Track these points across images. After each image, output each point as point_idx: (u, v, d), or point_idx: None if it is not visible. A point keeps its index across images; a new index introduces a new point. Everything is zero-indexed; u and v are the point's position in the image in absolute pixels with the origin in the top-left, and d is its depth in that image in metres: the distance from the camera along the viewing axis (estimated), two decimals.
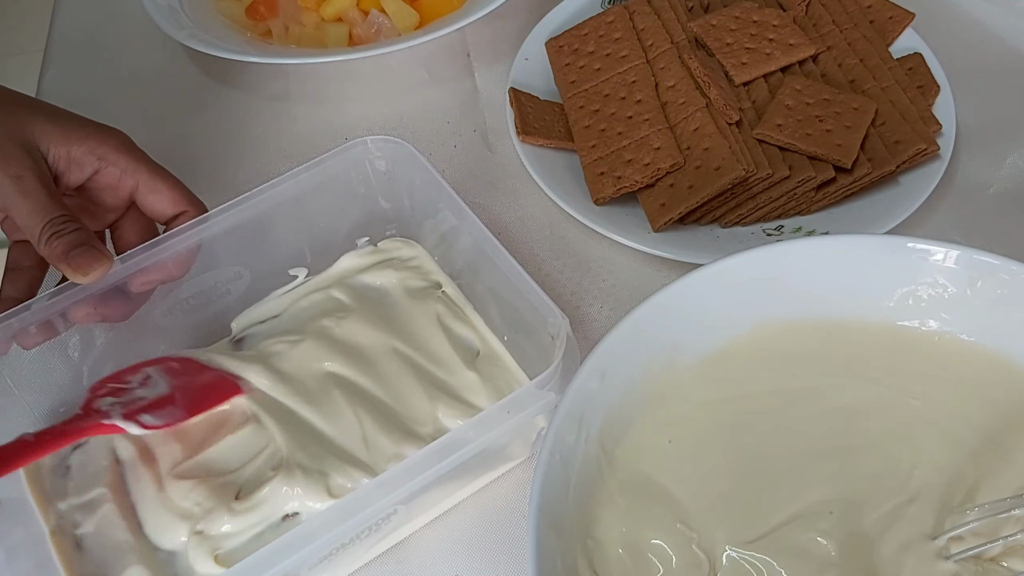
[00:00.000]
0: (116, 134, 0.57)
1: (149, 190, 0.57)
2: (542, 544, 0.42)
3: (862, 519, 0.46)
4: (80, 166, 0.56)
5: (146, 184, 0.57)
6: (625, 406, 0.49)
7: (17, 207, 0.52)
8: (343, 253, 0.63)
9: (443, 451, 0.47)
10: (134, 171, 0.56)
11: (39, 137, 0.54)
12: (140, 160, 0.57)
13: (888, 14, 0.74)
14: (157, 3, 0.78)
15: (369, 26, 0.79)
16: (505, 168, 0.72)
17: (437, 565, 0.53)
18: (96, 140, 0.56)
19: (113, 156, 0.56)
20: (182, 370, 0.54)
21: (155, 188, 0.57)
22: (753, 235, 0.64)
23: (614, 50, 0.72)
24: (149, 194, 0.57)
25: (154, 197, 0.57)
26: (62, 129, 0.55)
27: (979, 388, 0.49)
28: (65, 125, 0.55)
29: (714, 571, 0.45)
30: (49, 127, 0.55)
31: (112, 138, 0.57)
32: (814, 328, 0.52)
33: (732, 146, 0.64)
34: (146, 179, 0.57)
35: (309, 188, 0.59)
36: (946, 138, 0.66)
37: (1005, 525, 0.44)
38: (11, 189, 0.52)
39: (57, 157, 0.55)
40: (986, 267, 0.49)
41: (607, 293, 0.64)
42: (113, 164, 0.56)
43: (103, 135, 0.56)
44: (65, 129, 0.55)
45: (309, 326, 0.58)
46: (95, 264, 0.52)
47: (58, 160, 0.55)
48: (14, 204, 0.52)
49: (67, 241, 0.52)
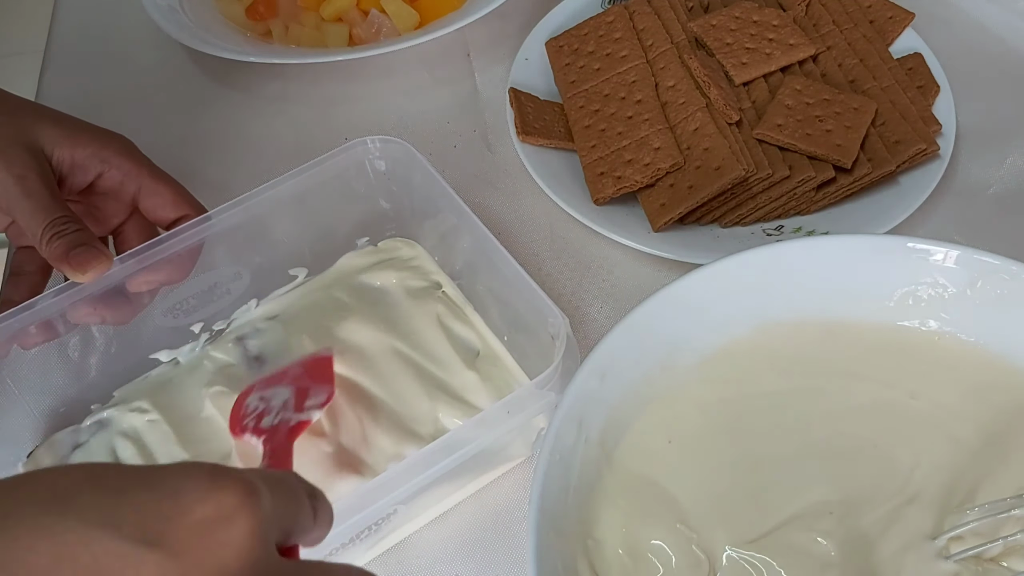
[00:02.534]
0: (119, 139, 0.58)
1: (151, 194, 0.57)
2: (542, 544, 0.42)
3: (862, 519, 0.46)
4: (84, 169, 0.56)
5: (148, 188, 0.57)
6: (625, 406, 0.49)
7: (20, 207, 0.52)
8: (343, 253, 0.63)
9: (443, 451, 0.47)
10: (136, 175, 0.57)
11: (43, 140, 0.54)
12: (142, 164, 0.57)
13: (888, 14, 0.74)
14: (157, 3, 0.78)
15: (369, 26, 0.79)
16: (505, 168, 0.72)
17: (437, 565, 0.53)
18: (99, 144, 0.56)
19: (116, 160, 0.56)
20: (278, 376, 0.54)
21: (157, 192, 0.57)
22: (753, 235, 0.64)
23: (614, 50, 0.72)
24: (151, 198, 0.57)
25: (156, 201, 0.57)
26: (66, 132, 0.55)
27: (979, 388, 0.49)
28: (69, 129, 0.56)
29: (714, 571, 0.45)
30: (53, 130, 0.55)
31: (115, 142, 0.57)
32: (814, 328, 0.52)
33: (732, 146, 0.64)
34: (148, 183, 0.57)
35: (309, 188, 0.59)
36: (946, 138, 0.66)
37: (1005, 525, 0.44)
38: (15, 189, 0.52)
39: (61, 160, 0.55)
40: (986, 267, 0.49)
41: (607, 293, 0.64)
42: (116, 168, 0.56)
43: (106, 139, 0.57)
44: (69, 133, 0.55)
45: (309, 326, 0.58)
46: (94, 262, 0.52)
47: (62, 163, 0.55)
48: (17, 204, 0.52)
49: (68, 241, 0.52)
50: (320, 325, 0.58)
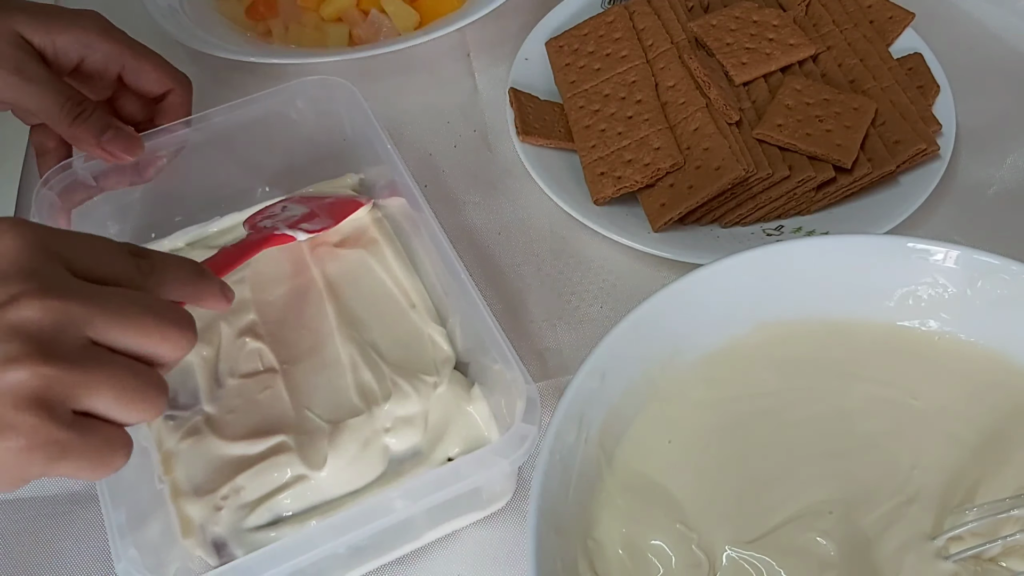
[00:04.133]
0: (94, 18, 0.60)
1: (135, 71, 0.60)
2: (542, 544, 0.42)
3: (861, 519, 0.46)
4: (66, 54, 0.58)
5: (131, 66, 0.60)
6: (625, 406, 0.49)
7: (27, 94, 0.56)
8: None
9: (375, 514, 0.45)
10: (119, 55, 0.60)
11: (22, 30, 0.57)
12: (123, 44, 0.60)
13: (888, 14, 0.74)
14: (157, 3, 0.78)
15: (369, 26, 0.79)
16: (505, 168, 0.72)
17: (438, 566, 0.53)
18: (78, 29, 0.58)
19: (97, 43, 0.59)
20: (308, 199, 0.61)
21: (141, 69, 0.60)
22: (753, 235, 0.64)
23: (614, 50, 0.72)
24: (135, 74, 0.61)
25: (141, 77, 0.61)
26: (40, 22, 0.58)
27: (979, 388, 0.49)
28: (42, 18, 0.58)
29: (714, 571, 0.45)
30: (29, 20, 0.57)
31: (92, 24, 0.59)
32: (814, 328, 0.52)
33: (732, 146, 0.64)
34: (131, 62, 0.60)
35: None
36: (946, 138, 0.66)
37: (1004, 525, 0.44)
38: (15, 79, 0.55)
39: (43, 47, 0.58)
40: (986, 267, 0.49)
41: (607, 293, 0.64)
42: (98, 51, 0.59)
43: (83, 22, 0.59)
44: (43, 21, 0.58)
45: None
46: (131, 147, 0.57)
47: (44, 49, 0.58)
48: (23, 92, 0.56)
49: (94, 125, 0.56)
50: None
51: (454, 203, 0.69)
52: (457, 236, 0.67)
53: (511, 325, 0.62)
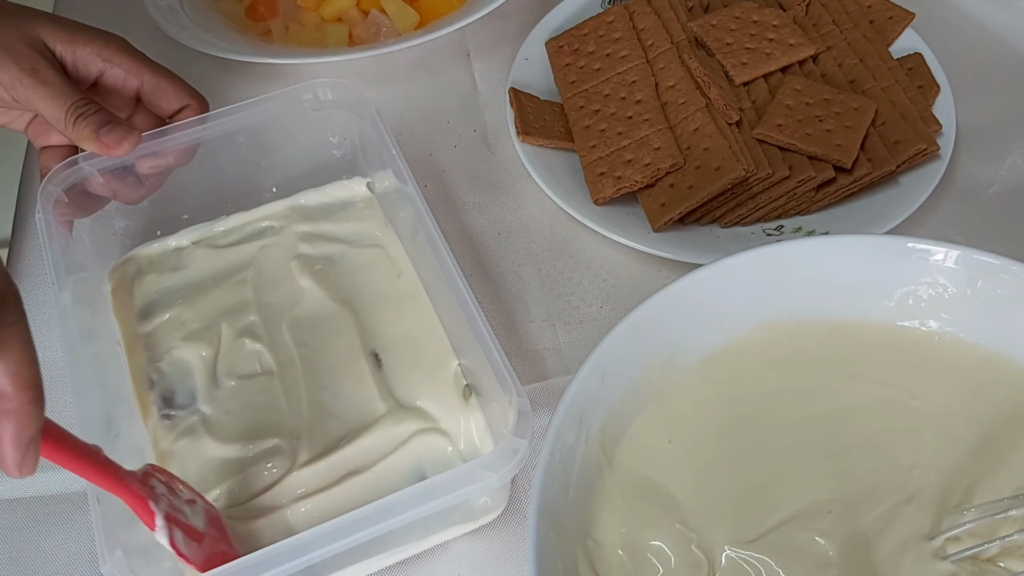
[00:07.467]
0: (117, 38, 0.61)
1: (153, 88, 0.61)
2: (542, 544, 0.42)
3: (860, 519, 0.46)
4: (86, 65, 0.59)
5: (150, 83, 0.61)
6: (625, 406, 0.49)
7: (39, 96, 0.56)
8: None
9: (367, 520, 0.44)
10: (137, 72, 0.60)
11: (44, 38, 0.58)
12: (142, 61, 0.61)
13: (888, 14, 0.74)
14: (157, 3, 0.78)
15: (369, 26, 0.79)
16: (505, 168, 0.72)
17: (438, 566, 0.53)
18: (100, 43, 0.59)
19: (117, 58, 0.59)
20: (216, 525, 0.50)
21: (159, 86, 0.61)
22: (753, 235, 0.64)
23: (614, 50, 0.72)
24: (153, 92, 0.61)
25: (159, 95, 0.61)
26: (65, 31, 0.58)
27: (979, 388, 0.49)
28: (67, 28, 0.59)
29: (713, 571, 0.45)
30: (54, 28, 0.58)
31: (114, 41, 0.60)
32: (814, 328, 0.52)
33: (732, 146, 0.64)
34: (149, 78, 0.60)
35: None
36: (946, 138, 0.66)
37: (1002, 525, 0.44)
38: (29, 81, 0.56)
39: (63, 56, 0.58)
40: (986, 267, 0.49)
41: (607, 293, 0.64)
42: (117, 66, 0.59)
43: (105, 39, 0.60)
44: (68, 31, 0.58)
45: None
46: (126, 138, 0.56)
47: (64, 59, 0.58)
48: (35, 94, 0.56)
49: (94, 121, 0.56)
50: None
51: (454, 203, 0.69)
52: (457, 236, 0.67)
53: (511, 325, 0.62)
